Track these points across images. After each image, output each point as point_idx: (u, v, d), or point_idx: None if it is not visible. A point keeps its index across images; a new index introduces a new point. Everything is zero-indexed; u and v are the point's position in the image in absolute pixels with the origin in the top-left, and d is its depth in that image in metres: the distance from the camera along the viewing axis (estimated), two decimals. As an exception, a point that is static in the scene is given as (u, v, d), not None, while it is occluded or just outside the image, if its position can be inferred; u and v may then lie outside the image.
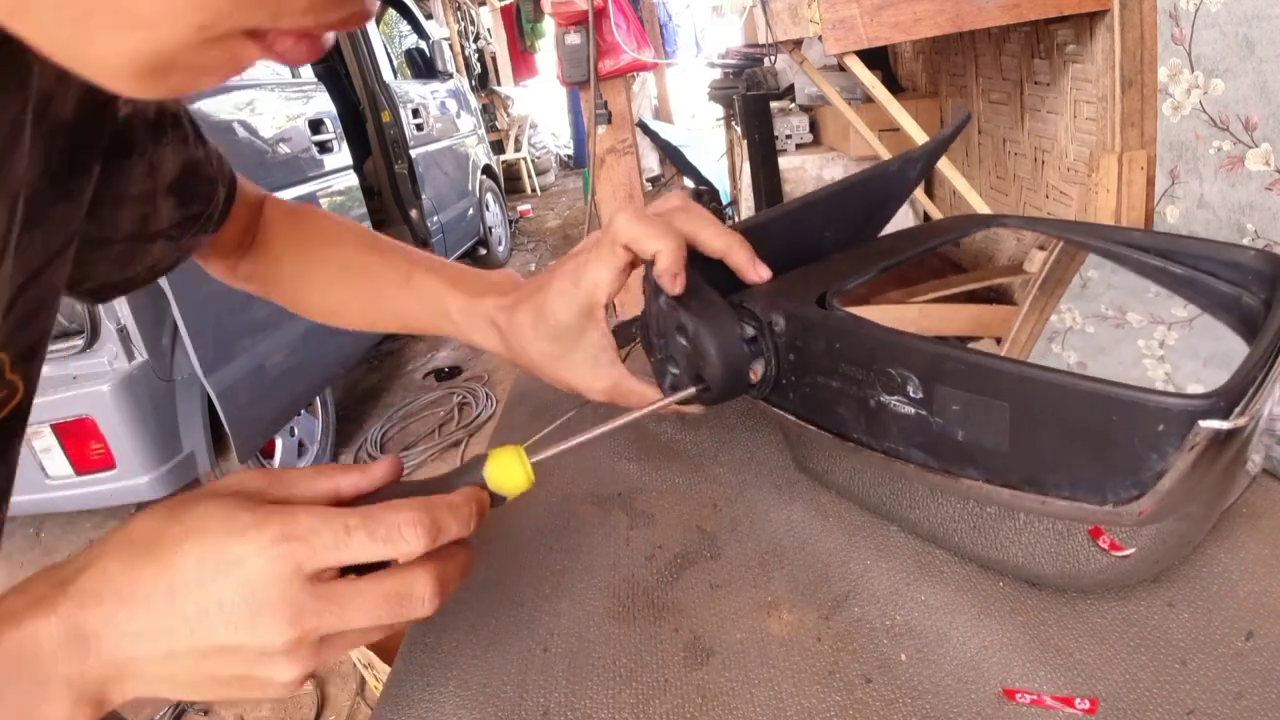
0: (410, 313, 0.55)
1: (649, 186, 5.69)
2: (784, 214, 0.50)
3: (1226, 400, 0.28)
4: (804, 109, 3.29)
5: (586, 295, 0.46)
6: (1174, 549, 0.38)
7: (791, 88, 3.44)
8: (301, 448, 2.68)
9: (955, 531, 0.43)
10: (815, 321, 0.42)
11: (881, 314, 0.43)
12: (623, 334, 0.51)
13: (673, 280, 0.43)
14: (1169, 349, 0.47)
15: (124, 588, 0.29)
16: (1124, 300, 0.49)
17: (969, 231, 0.54)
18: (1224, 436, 0.28)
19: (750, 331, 0.45)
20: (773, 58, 3.39)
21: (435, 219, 3.89)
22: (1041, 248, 0.55)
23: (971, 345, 0.42)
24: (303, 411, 2.66)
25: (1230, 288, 0.43)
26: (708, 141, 5.78)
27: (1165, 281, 0.46)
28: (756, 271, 0.45)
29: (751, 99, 3.03)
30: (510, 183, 6.95)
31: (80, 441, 1.93)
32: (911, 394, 0.37)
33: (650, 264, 0.44)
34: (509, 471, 0.35)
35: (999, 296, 0.61)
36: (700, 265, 0.44)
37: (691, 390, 0.43)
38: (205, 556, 0.29)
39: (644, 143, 5.50)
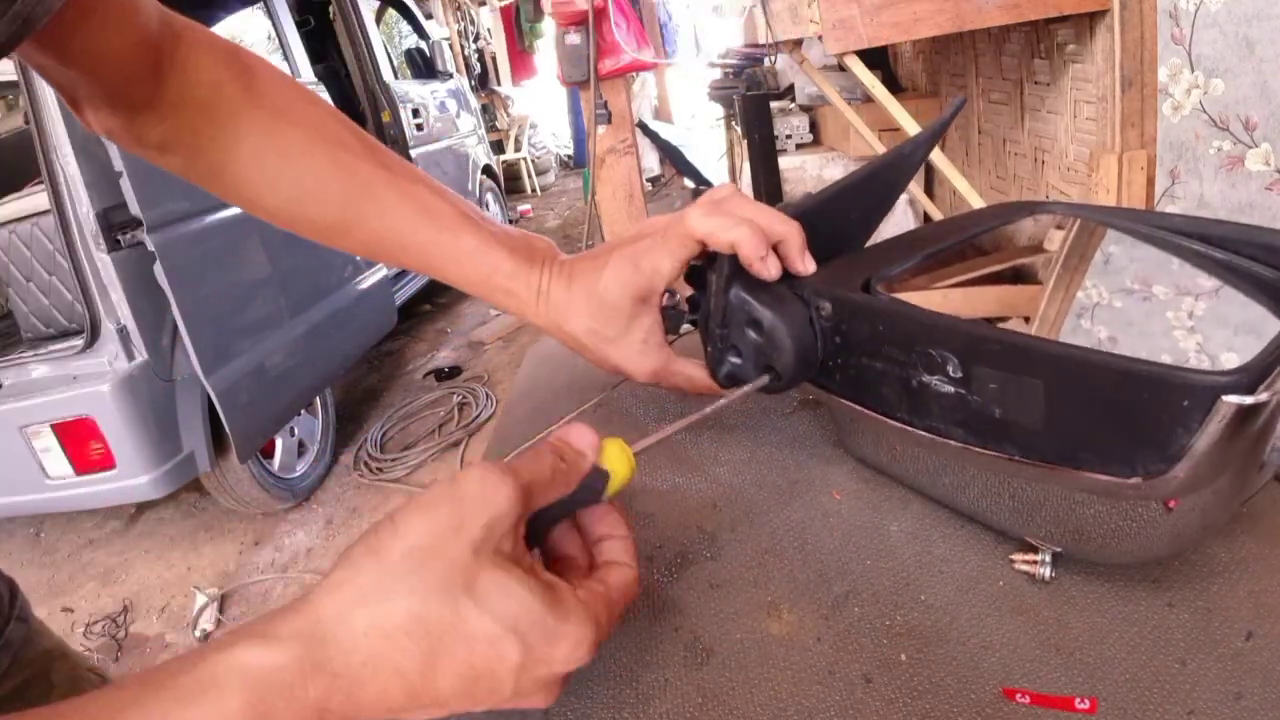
0: (448, 259, 0.51)
1: (649, 186, 5.69)
2: (824, 200, 0.51)
3: (1250, 376, 0.29)
4: (804, 109, 3.30)
5: (646, 281, 0.47)
6: (1208, 523, 0.38)
7: (791, 88, 3.45)
8: (301, 448, 2.69)
9: (999, 509, 0.43)
10: (860, 305, 0.43)
11: (911, 299, 0.44)
12: (672, 319, 0.52)
13: (763, 264, 0.44)
14: (1198, 319, 0.47)
15: (402, 671, 0.28)
16: (1149, 274, 0.49)
17: (1012, 219, 0.54)
18: (1246, 411, 0.29)
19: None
20: (773, 58, 3.39)
21: (435, 219, 3.89)
22: (1059, 227, 0.55)
23: (1001, 325, 0.43)
24: (303, 411, 2.66)
25: (1271, 272, 0.43)
26: (707, 141, 5.78)
27: (1206, 266, 0.46)
28: (804, 263, 0.45)
29: (751, 99, 3.03)
30: (510, 183, 6.95)
31: (80, 441, 1.93)
32: (951, 373, 0.38)
33: (718, 258, 0.45)
34: (617, 476, 0.36)
35: (1022, 277, 0.61)
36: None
37: (765, 379, 0.45)
38: (524, 667, 0.29)
39: (644, 143, 5.51)
